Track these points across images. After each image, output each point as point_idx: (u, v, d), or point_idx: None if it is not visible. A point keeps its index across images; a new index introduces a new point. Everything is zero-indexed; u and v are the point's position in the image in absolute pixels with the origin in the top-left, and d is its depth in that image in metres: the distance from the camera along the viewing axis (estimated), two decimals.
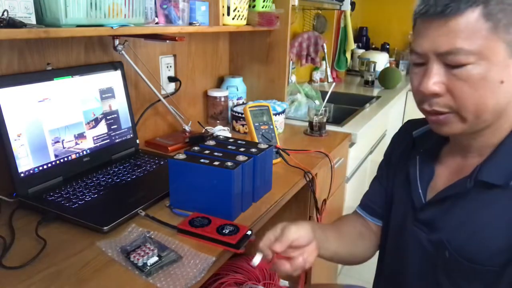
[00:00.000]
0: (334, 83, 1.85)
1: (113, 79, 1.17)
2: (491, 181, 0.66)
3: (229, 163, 0.86)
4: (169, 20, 1.17)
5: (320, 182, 1.31)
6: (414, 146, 0.83)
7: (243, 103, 1.66)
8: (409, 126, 0.88)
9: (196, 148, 0.96)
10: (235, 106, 1.61)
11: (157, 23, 1.15)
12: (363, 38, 3.56)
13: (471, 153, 0.71)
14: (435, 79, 0.62)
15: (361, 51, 3.25)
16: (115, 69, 1.17)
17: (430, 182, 0.76)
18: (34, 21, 0.80)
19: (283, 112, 1.56)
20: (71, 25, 0.84)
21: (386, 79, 2.66)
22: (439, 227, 0.72)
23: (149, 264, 0.71)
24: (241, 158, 0.90)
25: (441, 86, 0.62)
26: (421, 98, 0.67)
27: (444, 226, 0.71)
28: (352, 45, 2.98)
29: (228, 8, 1.35)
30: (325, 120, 1.55)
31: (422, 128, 0.84)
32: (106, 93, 1.14)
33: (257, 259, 0.68)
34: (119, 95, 1.18)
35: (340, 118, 1.91)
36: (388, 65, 3.06)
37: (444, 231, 0.71)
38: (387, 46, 3.52)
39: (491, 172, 0.66)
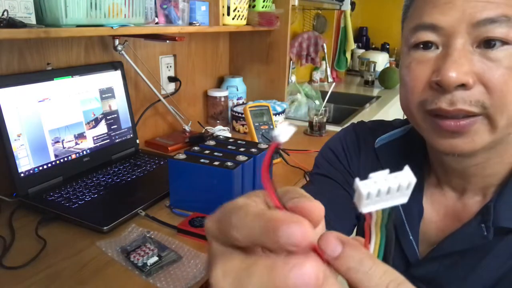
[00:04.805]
0: (334, 83, 1.85)
1: (113, 79, 1.17)
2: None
3: (229, 163, 0.86)
4: (169, 20, 1.17)
5: None
6: (379, 162, 0.63)
7: (243, 103, 1.66)
8: (366, 130, 0.68)
9: (196, 148, 0.96)
10: (235, 106, 1.61)
11: (157, 23, 1.15)
12: (363, 38, 3.56)
13: (471, 189, 0.54)
14: (467, 65, 0.43)
15: (361, 51, 3.25)
16: (115, 69, 1.17)
17: (420, 225, 0.58)
18: (34, 21, 0.80)
19: (283, 112, 1.56)
20: (71, 25, 0.84)
21: (386, 79, 2.66)
22: (444, 284, 0.55)
23: (149, 264, 0.71)
24: (241, 158, 0.90)
25: (472, 75, 0.43)
26: (429, 94, 0.47)
27: (451, 282, 0.54)
28: (352, 45, 2.98)
29: (228, 8, 1.35)
30: (325, 120, 1.55)
31: (384, 136, 0.64)
32: (106, 93, 1.14)
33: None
34: (119, 95, 1.18)
35: (340, 118, 1.91)
36: (388, 65, 3.06)
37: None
38: (387, 46, 3.52)
39: (510, 214, 0.50)
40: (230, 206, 0.23)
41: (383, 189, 0.21)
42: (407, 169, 0.22)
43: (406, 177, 0.22)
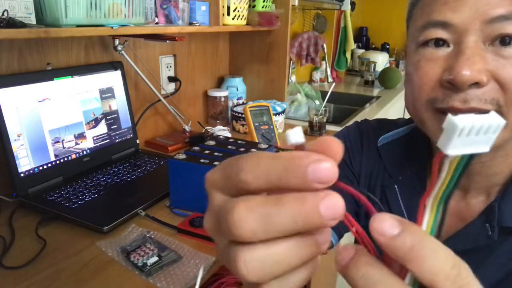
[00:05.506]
0: (334, 83, 1.85)
1: (113, 79, 1.17)
2: None
3: None
4: (169, 20, 1.17)
5: None
6: (381, 160, 0.63)
7: (243, 103, 1.66)
8: (370, 129, 0.68)
9: (196, 148, 0.96)
10: (235, 106, 1.61)
11: (157, 23, 1.15)
12: (363, 38, 3.56)
13: (474, 188, 0.53)
14: (480, 63, 0.43)
15: (361, 51, 3.25)
16: (115, 69, 1.17)
17: None
18: (34, 21, 0.80)
19: (283, 112, 1.56)
20: (71, 25, 0.84)
21: (386, 79, 2.66)
22: None
23: (149, 264, 0.71)
24: None
25: (486, 73, 0.43)
26: (440, 93, 0.46)
27: None
28: (352, 45, 2.98)
29: (228, 8, 1.35)
30: (325, 120, 1.55)
31: (387, 135, 0.65)
32: (106, 93, 1.14)
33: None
34: (119, 95, 1.18)
35: (340, 118, 1.91)
36: (388, 65, 3.06)
37: None
38: (387, 46, 3.52)
39: None
40: (235, 158, 0.22)
41: (476, 126, 0.20)
42: (493, 113, 0.21)
43: (495, 119, 0.20)
